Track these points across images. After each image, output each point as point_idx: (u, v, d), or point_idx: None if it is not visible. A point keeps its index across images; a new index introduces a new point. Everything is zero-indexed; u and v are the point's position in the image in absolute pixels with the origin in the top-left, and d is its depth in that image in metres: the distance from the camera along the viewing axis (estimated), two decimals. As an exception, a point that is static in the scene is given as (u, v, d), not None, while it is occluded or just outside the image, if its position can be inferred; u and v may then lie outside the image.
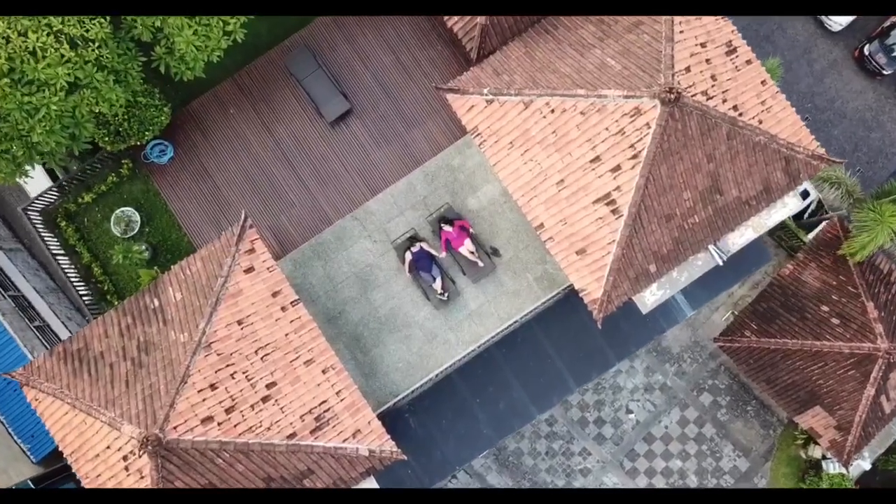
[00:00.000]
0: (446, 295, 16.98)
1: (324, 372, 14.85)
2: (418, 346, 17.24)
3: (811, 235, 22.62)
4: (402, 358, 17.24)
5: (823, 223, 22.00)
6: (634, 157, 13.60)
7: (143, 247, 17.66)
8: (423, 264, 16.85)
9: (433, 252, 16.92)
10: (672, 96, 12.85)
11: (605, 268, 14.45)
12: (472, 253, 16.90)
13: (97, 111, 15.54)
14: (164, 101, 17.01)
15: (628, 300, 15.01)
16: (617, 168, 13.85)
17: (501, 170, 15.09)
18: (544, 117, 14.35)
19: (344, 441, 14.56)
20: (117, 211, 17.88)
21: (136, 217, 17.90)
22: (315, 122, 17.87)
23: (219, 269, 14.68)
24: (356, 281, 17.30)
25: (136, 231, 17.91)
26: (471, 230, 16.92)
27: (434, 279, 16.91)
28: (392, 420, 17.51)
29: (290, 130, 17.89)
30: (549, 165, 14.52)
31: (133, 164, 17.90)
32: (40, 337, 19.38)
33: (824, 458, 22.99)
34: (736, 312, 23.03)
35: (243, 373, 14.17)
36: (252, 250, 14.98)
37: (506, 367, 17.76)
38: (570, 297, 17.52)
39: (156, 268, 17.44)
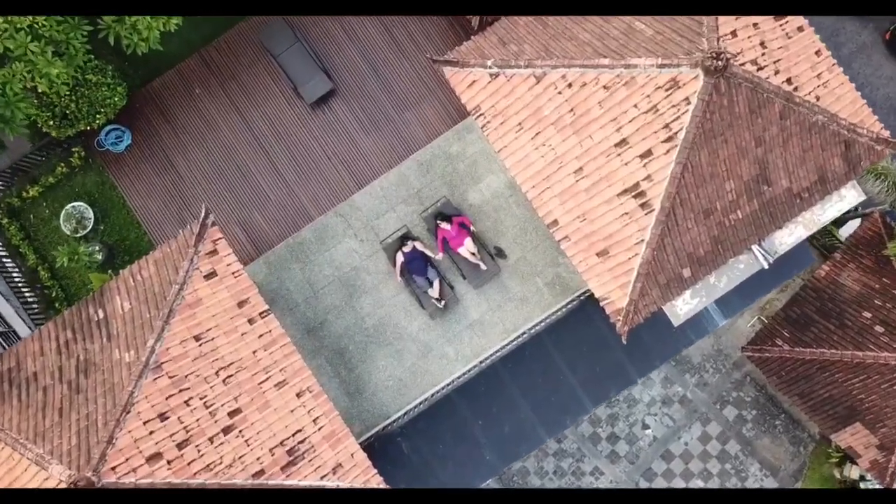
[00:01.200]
0: (443, 302, 14.56)
1: (299, 395, 12.42)
2: (411, 361, 14.81)
3: (843, 232, 20.26)
4: (393, 375, 14.82)
5: (861, 219, 19.63)
6: (669, 139, 11.16)
7: (97, 247, 15.23)
8: (416, 267, 14.43)
9: (428, 253, 14.50)
10: (719, 64, 10.40)
11: (631, 272, 12.03)
12: (474, 254, 14.48)
13: (35, 89, 13.16)
14: (119, 80, 14.57)
15: (657, 310, 12.59)
16: (648, 153, 11.41)
17: (508, 157, 12.65)
18: (560, 93, 11.90)
19: (322, 478, 12.13)
20: (68, 206, 15.43)
21: (90, 213, 15.46)
22: (293, 104, 15.43)
23: (174, 275, 12.24)
24: (340, 286, 14.87)
25: (89, 229, 15.46)
26: (472, 228, 14.50)
27: (429, 284, 14.49)
28: (382, 445, 15.10)
29: (264, 113, 15.44)
30: (566, 151, 12.09)
31: (85, 153, 15.45)
32: (5, 345, 16.89)
33: (862, 478, 20.63)
34: (763, 318, 20.64)
35: (201, 399, 11.73)
36: (214, 252, 12.55)
37: (512, 384, 15.34)
38: (586, 305, 15.12)
39: (110, 272, 14.97)
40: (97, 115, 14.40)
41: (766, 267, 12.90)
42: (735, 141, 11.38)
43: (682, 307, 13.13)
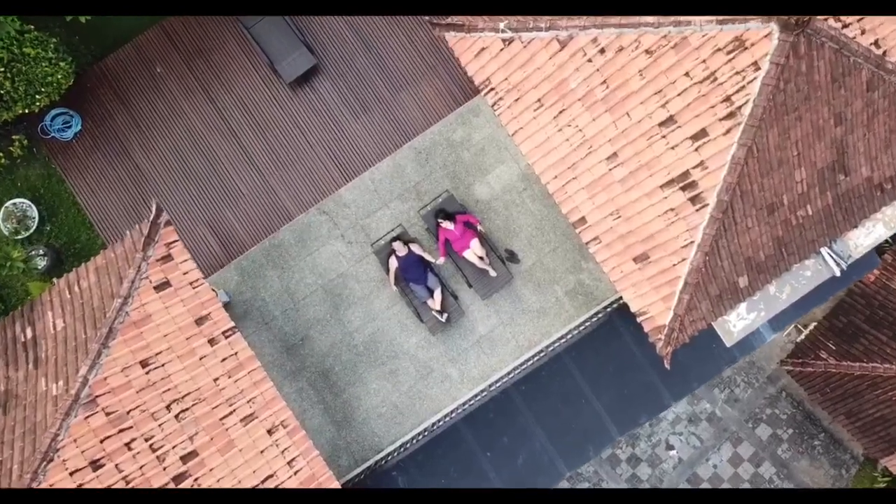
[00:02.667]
0: (446, 315, 12.19)
1: (270, 432, 10.04)
2: (409, 384, 12.44)
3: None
4: (387, 400, 12.45)
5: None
6: (730, 115, 8.78)
7: (40, 251, 12.84)
8: (414, 274, 12.06)
9: (428, 257, 12.13)
10: (800, 17, 8.03)
11: (676, 282, 9.66)
12: (481, 258, 12.12)
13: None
14: (64, 55, 12.19)
15: (706, 327, 10.22)
16: (701, 134, 9.03)
17: (525, 141, 10.28)
18: (590, 61, 9.52)
19: (299, 534, 9.80)
20: (7, 203, 13.02)
21: (34, 212, 13.06)
22: (270, 83, 13.04)
23: (117, 286, 9.88)
24: (324, 296, 12.50)
25: (32, 230, 13.05)
26: (479, 227, 12.14)
27: (429, 294, 12.13)
28: (375, 481, 12.72)
29: (236, 95, 13.05)
30: (597, 132, 9.71)
31: (28, 142, 13.02)
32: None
33: (913, 506, 18.27)
34: (800, 327, 18.30)
35: (146, 440, 9.35)
36: (167, 257, 10.16)
37: (526, 410, 12.95)
38: (613, 317, 12.74)
39: (54, 280, 12.58)
40: (37, 96, 11.99)
41: (838, 274, 10.53)
42: (811, 118, 8.99)
43: (736, 323, 10.76)
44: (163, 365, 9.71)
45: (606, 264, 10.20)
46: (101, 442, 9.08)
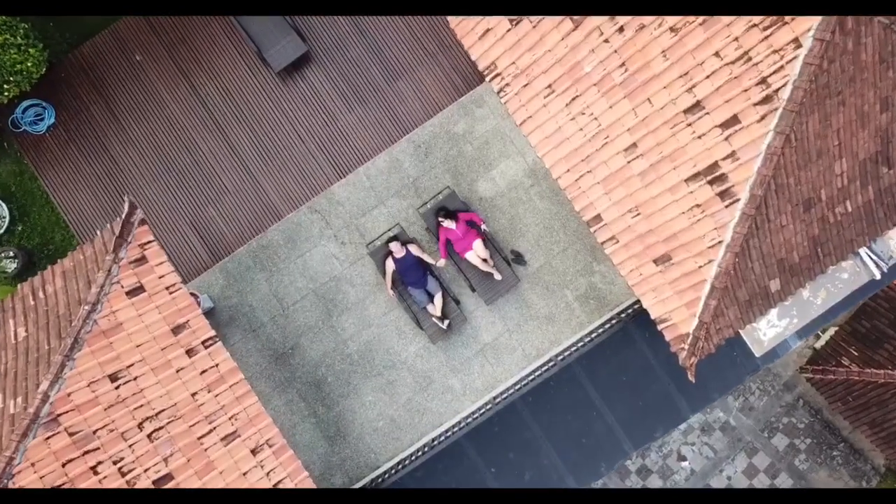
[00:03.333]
0: (447, 322, 11.22)
1: (254, 452, 9.06)
2: (407, 396, 11.47)
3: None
4: (384, 414, 11.47)
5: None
6: (766, 100, 7.81)
7: (10, 253, 11.88)
8: (412, 277, 11.08)
9: (427, 259, 11.16)
10: (849, -14, 7.09)
11: (702, 286, 8.68)
12: (485, 260, 11.15)
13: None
14: (35, 41, 11.23)
15: (733, 335, 9.24)
16: (732, 121, 8.06)
17: (534, 131, 9.30)
18: (607, 42, 8.54)
19: (286, 565, 8.82)
20: (-24, 202, 12.11)
21: (4, 210, 12.08)
22: (257, 72, 12.07)
23: (85, 291, 8.92)
24: (316, 301, 11.54)
25: (3, 230, 12.09)
26: (483, 227, 11.17)
27: (429, 299, 11.16)
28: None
29: (221, 85, 12.08)
30: (614, 121, 8.74)
31: (-2, 135, 12.13)
32: None
33: (939, 520, 17.29)
34: (820, 332, 17.32)
35: (114, 463, 8.36)
36: (142, 259, 9.18)
37: (533, 423, 11.96)
38: (627, 324, 11.75)
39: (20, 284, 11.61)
40: (5, 87, 11.04)
41: (878, 276, 9.57)
42: (855, 103, 8.03)
43: (766, 331, 9.80)
44: (134, 379, 8.74)
45: (624, 266, 9.22)
46: (63, 466, 8.10)
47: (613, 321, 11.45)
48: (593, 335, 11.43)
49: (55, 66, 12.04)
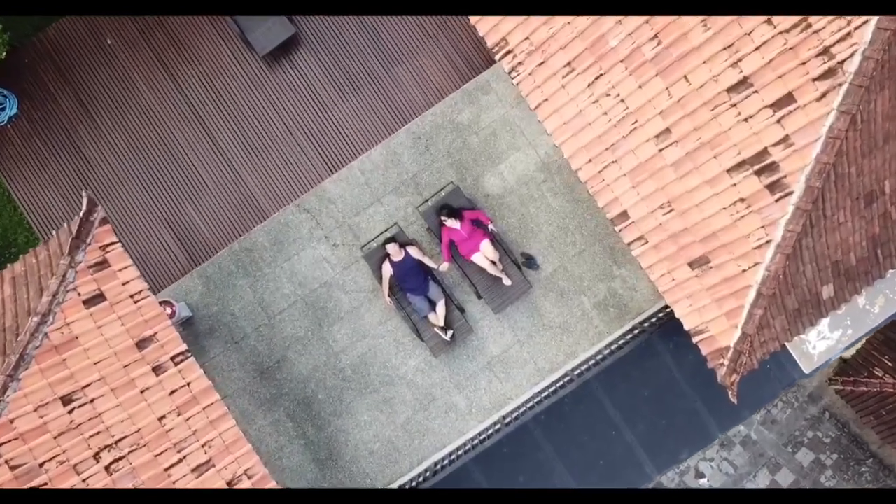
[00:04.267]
0: (450, 333, 10.00)
1: (230, 483, 7.82)
2: (406, 415, 10.23)
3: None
4: (381, 435, 10.23)
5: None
6: (829, 73, 6.60)
7: (-33, 257, 10.68)
8: (411, 282, 9.86)
9: (429, 263, 9.95)
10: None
11: (746, 292, 7.46)
12: (494, 263, 9.94)
13: None
14: (-7, 22, 10.04)
15: (778, 349, 8.01)
16: (787, 100, 6.85)
17: (550, 116, 8.09)
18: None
19: None
20: (-69, 200, 10.89)
21: (-38, 210, 10.90)
22: (241, 57, 10.87)
23: (36, 300, 7.69)
24: (305, 310, 10.31)
25: (-40, 232, 10.91)
26: (490, 227, 9.95)
27: (431, 307, 9.94)
28: (366, 530, 10.48)
29: (201, 71, 10.87)
30: (644, 103, 7.53)
31: (-44, 127, 10.91)
32: None
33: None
34: (848, 340, 16.08)
35: (65, 501, 7.17)
36: (102, 264, 7.96)
37: (545, 444, 10.71)
38: (650, 334, 10.54)
39: (-20, 291, 10.38)
40: (-40, 71, 9.87)
41: (944, 281, 8.35)
42: (931, 78, 6.83)
43: (815, 344, 8.60)
44: (91, 401, 7.50)
45: (654, 270, 8.00)
46: (3, 506, 6.87)
47: (636, 331, 10.23)
48: (613, 347, 10.21)
49: (18, 51, 10.83)
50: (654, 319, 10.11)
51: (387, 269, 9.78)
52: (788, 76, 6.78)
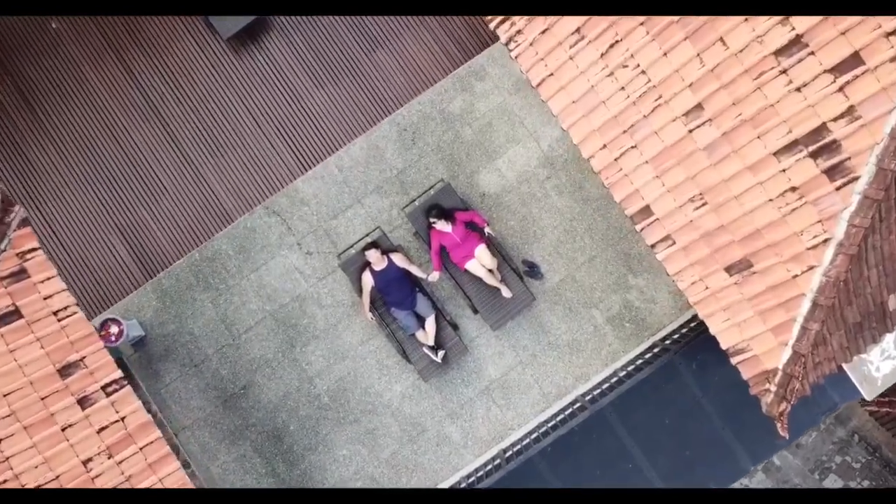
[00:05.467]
0: (442, 353, 8.56)
1: (173, 541, 6.40)
2: (392, 449, 8.77)
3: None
4: (362, 471, 8.76)
5: None
6: (906, 26, 5.26)
7: None
8: (396, 294, 8.44)
9: (416, 272, 8.53)
10: None
11: (798, 302, 6.05)
12: (491, 272, 8.54)
13: None
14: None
15: (835, 371, 6.59)
16: (851, 62, 5.47)
17: (556, 94, 6.71)
18: (660, -41, 6.02)
19: None
20: None
21: None
22: (203, 41, 9.50)
23: (-65, 318, 6.30)
24: (275, 328, 8.89)
25: None
26: (487, 230, 8.55)
27: (419, 323, 8.52)
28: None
29: (158, 59, 9.50)
30: (670, 73, 6.16)
31: None
32: None
33: None
34: (878, 355, 14.68)
35: (-44, 570, 5.74)
36: (20, 274, 6.56)
37: (554, 480, 9.19)
38: (670, 353, 9.11)
39: None
40: None
41: None
42: None
43: (879, 365, 7.14)
44: (-2, 442, 6.11)
45: (682, 278, 6.59)
46: None
47: (656, 350, 8.80)
48: (630, 368, 8.77)
49: (-50, 37, 9.50)
50: (676, 336, 8.69)
51: (367, 280, 8.37)
52: (853, 32, 5.41)
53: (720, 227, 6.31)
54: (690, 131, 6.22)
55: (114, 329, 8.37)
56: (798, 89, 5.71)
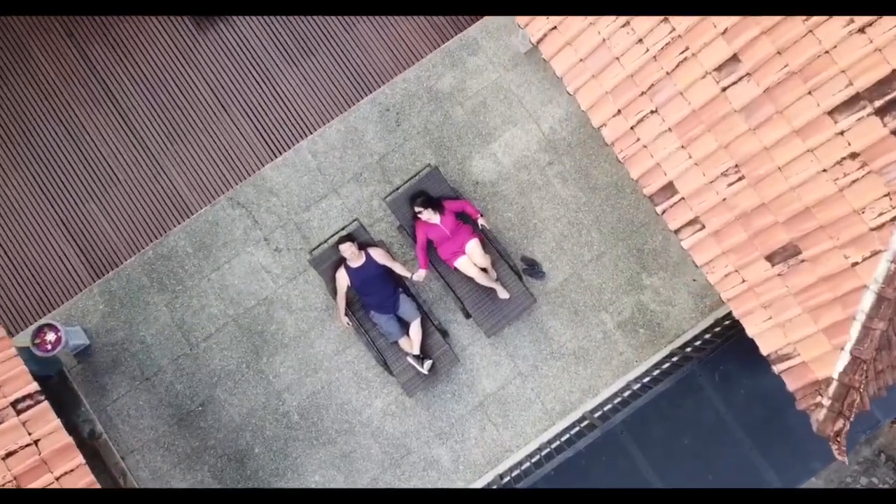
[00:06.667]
0: (429, 363, 7.37)
1: (95, 592, 5.18)
2: (372, 474, 7.56)
3: None
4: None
5: None
6: None
7: None
8: (376, 296, 7.27)
9: (399, 269, 7.37)
10: None
11: (858, 296, 4.90)
12: (485, 270, 7.39)
13: None
14: None
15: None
16: (931, -9, 4.40)
17: (560, 51, 5.60)
18: None
19: None
20: None
21: None
22: (165, 17, 8.45)
23: None
24: (239, 335, 7.72)
25: None
26: (481, 222, 7.41)
27: (402, 329, 7.35)
28: None
29: (111, 34, 8.41)
30: (699, 19, 5.07)
31: None
32: None
33: None
34: (906, 368, 13.52)
35: None
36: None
37: (558, 509, 8.02)
38: (690, 362, 7.94)
39: None
40: None
41: None
42: None
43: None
44: None
45: (713, 269, 5.44)
46: None
47: (674, 359, 7.62)
48: (645, 380, 7.58)
49: None
50: (699, 343, 7.52)
51: (342, 279, 7.21)
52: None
53: (761, 206, 5.17)
54: (724, 89, 5.10)
55: (50, 336, 7.19)
56: (861, 30, 4.60)
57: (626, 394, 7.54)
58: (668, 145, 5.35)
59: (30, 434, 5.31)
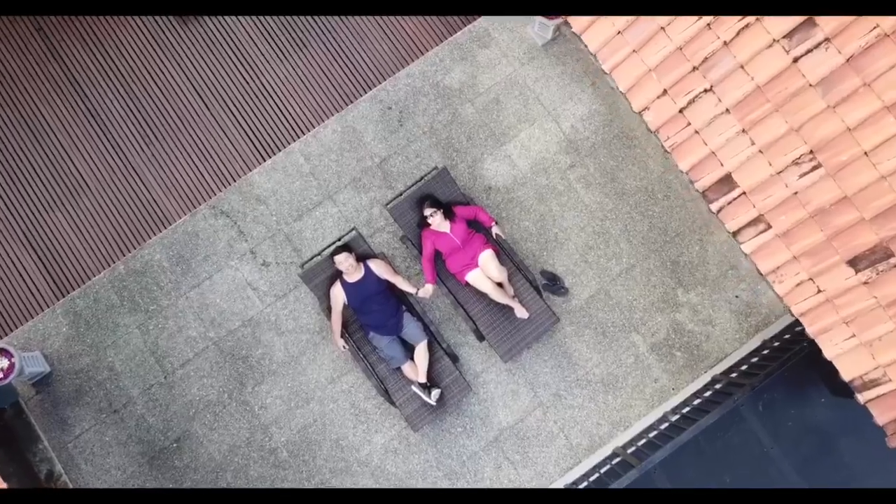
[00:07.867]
0: (436, 393, 6.40)
1: None
2: (370, 522, 6.55)
3: None
4: (331, 553, 6.52)
5: None
6: None
7: None
8: (376, 316, 6.32)
9: (403, 285, 6.43)
10: None
11: (966, 309, 3.98)
12: (500, 286, 6.46)
13: None
14: None
15: None
16: None
17: (593, 23, 4.77)
18: None
19: None
20: None
21: None
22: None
23: None
24: (221, 362, 6.75)
25: None
26: (495, 231, 6.50)
27: (405, 354, 6.40)
28: None
29: (83, 26, 7.61)
30: (769, -29, 4.23)
31: None
32: None
33: None
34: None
35: None
36: None
37: (584, 560, 7.01)
38: (733, 392, 6.98)
39: None
40: None
41: None
42: None
43: None
44: None
45: (781, 277, 4.52)
46: None
47: (717, 385, 6.66)
48: (683, 410, 6.62)
49: None
50: (744, 367, 6.57)
51: (338, 295, 6.26)
52: None
53: (842, 200, 4.27)
54: (796, 60, 4.23)
55: (2, 363, 6.24)
56: (975, -22, 3.74)
57: (664, 426, 6.56)
58: (725, 130, 4.47)
59: (-45, 481, 4.34)
